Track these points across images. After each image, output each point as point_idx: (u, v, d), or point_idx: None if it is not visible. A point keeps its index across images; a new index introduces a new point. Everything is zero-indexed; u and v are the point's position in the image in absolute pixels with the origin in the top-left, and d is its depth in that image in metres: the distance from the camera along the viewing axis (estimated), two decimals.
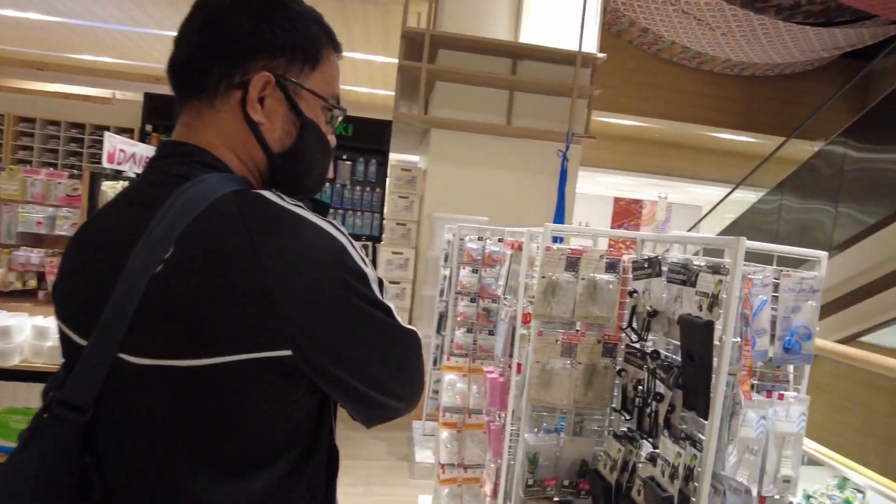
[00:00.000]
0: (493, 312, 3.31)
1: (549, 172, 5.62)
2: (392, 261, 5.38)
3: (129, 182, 3.29)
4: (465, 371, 3.24)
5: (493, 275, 3.22)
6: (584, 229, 2.33)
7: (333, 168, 6.11)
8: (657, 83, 10.60)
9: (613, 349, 1.99)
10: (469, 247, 3.42)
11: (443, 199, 5.51)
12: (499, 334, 2.81)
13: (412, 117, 5.25)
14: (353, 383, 0.88)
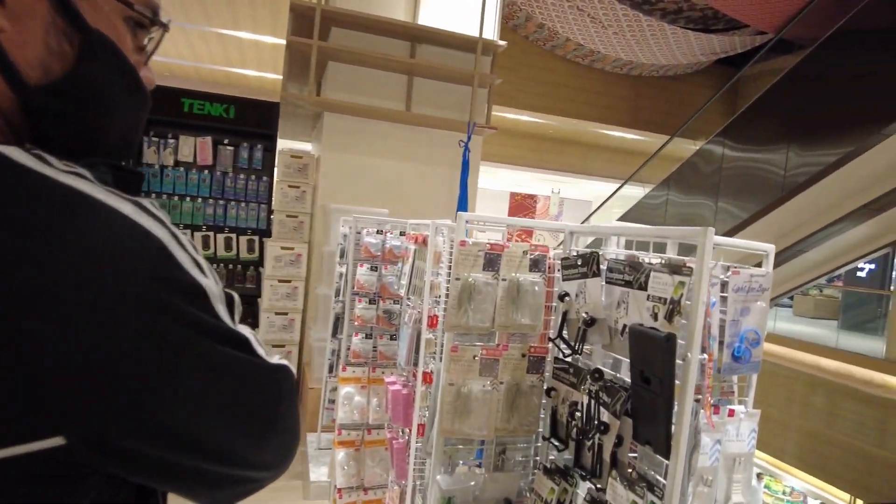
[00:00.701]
0: (395, 315, 2.90)
1: (451, 163, 5.29)
2: (282, 257, 4.81)
3: None
4: (364, 382, 2.82)
5: (395, 273, 2.82)
6: (504, 219, 1.97)
7: (213, 153, 5.42)
8: (552, 80, 10.67)
9: (540, 364, 1.66)
10: (367, 241, 2.98)
11: (338, 189, 5.01)
12: (402, 340, 2.41)
13: (302, 98, 4.71)
14: (190, 463, 0.57)
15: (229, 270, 5.52)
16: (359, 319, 2.94)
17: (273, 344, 4.83)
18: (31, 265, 0.47)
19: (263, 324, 4.80)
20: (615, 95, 11.27)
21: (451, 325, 1.61)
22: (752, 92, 10.39)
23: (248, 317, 5.45)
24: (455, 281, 1.61)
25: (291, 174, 5.13)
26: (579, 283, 1.54)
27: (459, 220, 1.71)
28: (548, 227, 2.20)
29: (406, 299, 2.36)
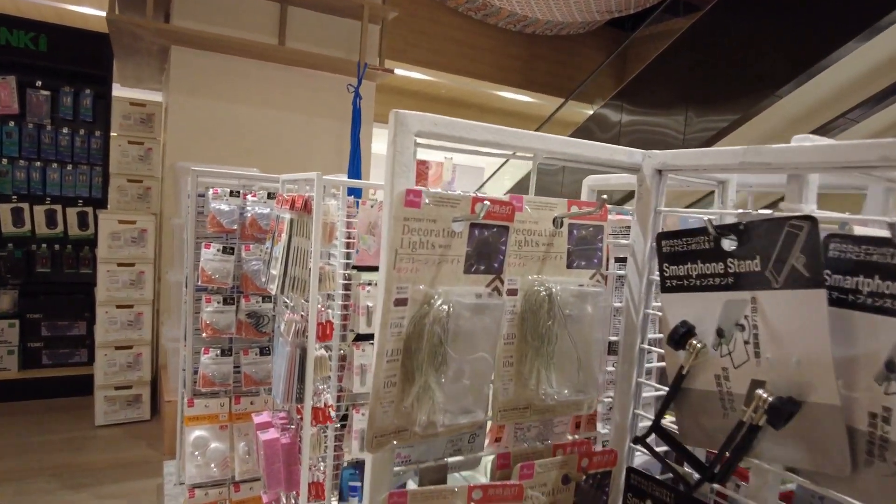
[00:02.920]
0: (266, 319, 2.01)
1: (338, 115, 4.34)
2: (120, 233, 3.66)
3: None
4: (224, 419, 1.92)
5: (261, 256, 1.92)
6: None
7: (19, 99, 4.06)
8: (443, 34, 9.85)
9: (600, 492, 0.87)
10: (215, 208, 2.01)
11: (192, 146, 3.91)
12: (276, 362, 1.54)
13: (142, 25, 3.52)
14: None
15: (55, 253, 4.24)
16: (208, 329, 1.99)
17: (116, 345, 3.71)
18: None
19: (102, 320, 3.66)
20: (508, 54, 10.68)
21: (379, 430, 0.74)
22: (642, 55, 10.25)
23: (84, 311, 4.23)
24: (391, 306, 0.74)
25: (132, 127, 3.95)
26: (733, 302, 0.74)
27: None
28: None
29: (281, 298, 1.49)
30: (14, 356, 4.08)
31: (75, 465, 3.26)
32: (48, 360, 4.20)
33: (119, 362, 3.72)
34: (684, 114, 6.93)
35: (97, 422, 3.75)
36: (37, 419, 3.83)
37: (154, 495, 3.01)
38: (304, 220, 1.41)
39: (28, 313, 4.13)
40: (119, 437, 3.64)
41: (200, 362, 1.99)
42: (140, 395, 3.82)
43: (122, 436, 3.67)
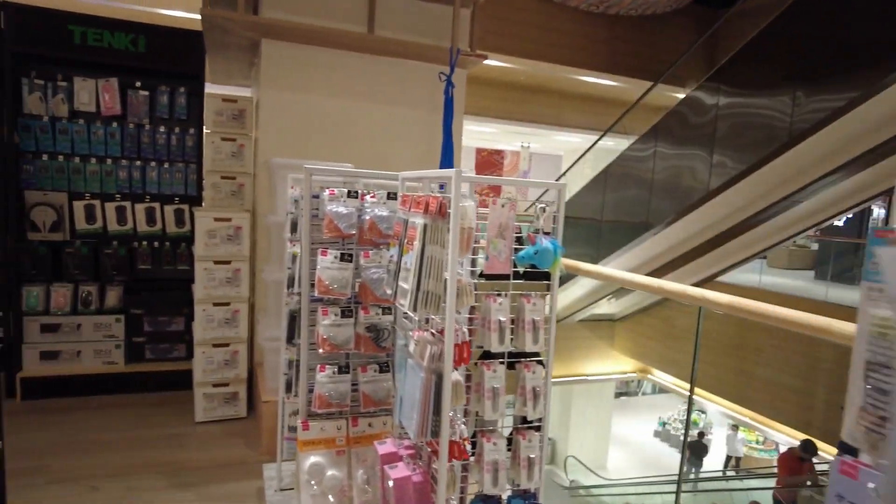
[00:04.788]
0: (386, 332, 1.81)
1: (426, 105, 4.13)
2: (216, 231, 3.61)
3: None
4: (341, 444, 1.75)
5: (379, 262, 1.71)
6: None
7: (121, 100, 4.09)
8: (523, 19, 9.47)
9: None
10: (331, 210, 1.81)
11: (284, 140, 3.80)
12: (406, 385, 1.33)
13: (232, 18, 3.43)
14: None
15: (154, 249, 4.28)
16: (326, 344, 1.81)
17: (214, 343, 3.68)
18: None
19: (200, 318, 3.63)
20: (591, 37, 10.15)
21: None
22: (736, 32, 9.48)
23: (182, 307, 4.26)
24: None
25: (224, 123, 3.89)
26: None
27: None
28: None
29: (410, 312, 1.27)
30: (120, 350, 4.15)
31: (179, 463, 3.24)
32: (150, 354, 4.26)
33: (216, 360, 3.69)
34: (791, 94, 6.27)
35: (197, 418, 3.74)
36: (141, 412, 3.87)
37: (255, 500, 2.93)
38: (438, 225, 1.19)
39: (132, 309, 4.19)
40: (218, 435, 3.61)
41: (316, 381, 1.81)
42: (237, 392, 3.78)
43: (221, 433, 3.63)
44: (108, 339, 4.13)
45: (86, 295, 4.12)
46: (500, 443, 1.53)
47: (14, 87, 3.84)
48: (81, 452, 3.29)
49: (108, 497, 2.89)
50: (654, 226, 8.21)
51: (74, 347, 4.06)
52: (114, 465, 3.18)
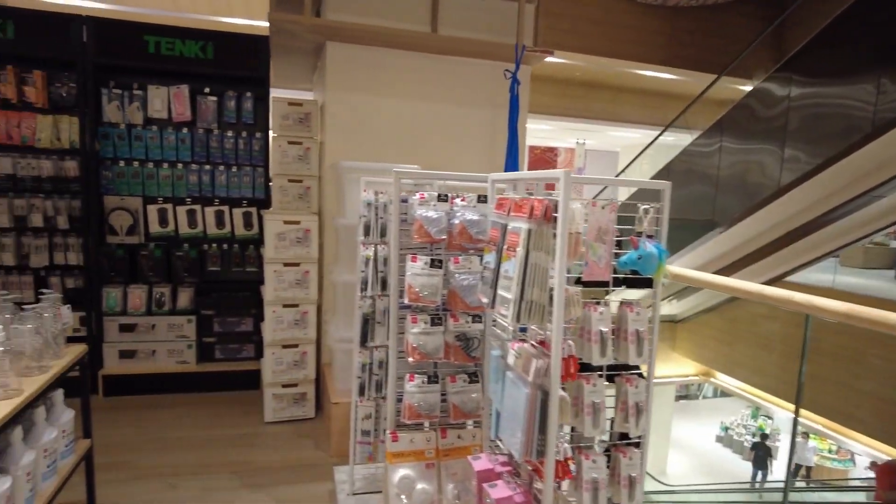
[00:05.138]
0: (476, 342, 1.74)
1: (489, 103, 4.05)
2: (286, 234, 3.64)
3: None
4: (431, 457, 1.69)
5: (469, 269, 1.63)
6: None
7: (191, 106, 4.18)
8: (580, 14, 9.24)
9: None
10: (421, 215, 1.76)
11: (349, 142, 3.80)
12: (506, 399, 1.25)
13: (299, 21, 3.44)
14: None
15: (224, 252, 4.36)
16: (415, 353, 1.75)
17: (284, 344, 3.70)
18: None
19: (270, 319, 3.67)
20: (650, 30, 9.82)
21: None
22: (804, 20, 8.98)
23: (250, 308, 4.32)
24: None
25: (291, 127, 3.91)
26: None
27: None
28: None
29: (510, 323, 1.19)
30: (192, 350, 4.25)
31: (251, 463, 3.27)
32: (220, 354, 4.34)
33: (286, 361, 3.72)
34: (875, 81, 5.85)
35: (266, 418, 3.78)
36: (212, 411, 3.94)
37: (327, 503, 2.92)
38: (542, 230, 1.11)
39: (203, 309, 4.28)
40: (287, 435, 3.63)
41: (405, 390, 1.75)
42: (305, 393, 3.80)
43: (290, 434, 3.66)
44: (180, 339, 4.24)
45: (159, 296, 4.24)
46: (600, 460, 1.44)
47: (95, 96, 3.98)
48: (160, 450, 3.37)
49: (185, 496, 2.94)
50: (719, 224, 7.86)
51: (150, 347, 4.18)
52: (190, 464, 3.24)
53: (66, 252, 4.09)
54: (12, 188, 3.95)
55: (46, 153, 3.98)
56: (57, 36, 3.83)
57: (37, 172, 3.96)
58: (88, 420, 2.61)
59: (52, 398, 2.26)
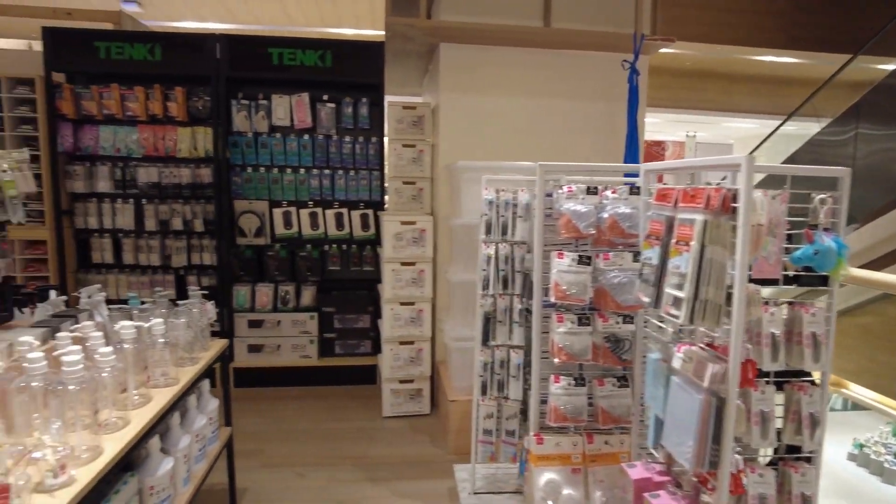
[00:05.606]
0: (626, 344, 1.65)
1: (606, 96, 3.89)
2: (403, 234, 3.70)
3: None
4: (577, 462, 1.62)
5: (621, 265, 1.53)
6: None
7: (311, 113, 4.37)
8: (690, 1, 8.72)
9: None
10: (569, 209, 1.68)
11: (465, 143, 3.79)
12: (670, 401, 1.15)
13: (415, 24, 3.48)
14: None
15: (343, 252, 4.52)
16: (561, 353, 1.68)
17: (400, 341, 3.76)
18: None
19: (388, 316, 3.74)
20: (767, 12, 9.07)
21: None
22: None
23: (367, 306, 4.44)
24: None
25: (405, 130, 3.97)
26: None
27: None
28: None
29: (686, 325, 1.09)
30: (314, 346, 4.44)
31: (371, 457, 3.35)
32: (340, 350, 4.50)
33: (402, 357, 3.78)
34: None
35: (384, 413, 3.86)
36: (333, 405, 4.09)
37: (448, 500, 2.92)
38: (719, 222, 1.01)
39: (324, 307, 4.45)
40: (404, 431, 3.69)
41: (550, 392, 1.70)
42: (421, 389, 3.84)
43: (407, 429, 3.71)
44: (303, 335, 4.43)
45: (284, 294, 4.46)
46: (768, 475, 1.30)
47: (226, 108, 4.26)
48: (288, 440, 3.54)
49: (313, 485, 3.05)
50: (855, 220, 7.11)
51: (275, 342, 4.41)
52: (316, 454, 3.37)
53: (202, 253, 4.41)
54: (157, 195, 4.32)
55: (185, 162, 4.31)
56: (195, 55, 4.13)
57: (177, 180, 4.30)
58: (229, 409, 2.78)
59: (201, 387, 2.41)
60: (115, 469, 1.55)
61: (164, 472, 1.89)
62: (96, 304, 2.20)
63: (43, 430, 1.51)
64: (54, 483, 1.36)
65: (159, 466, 1.89)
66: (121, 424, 1.70)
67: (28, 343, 1.59)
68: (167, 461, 1.93)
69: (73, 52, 4.12)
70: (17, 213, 2.07)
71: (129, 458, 1.69)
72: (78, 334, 1.81)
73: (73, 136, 4.21)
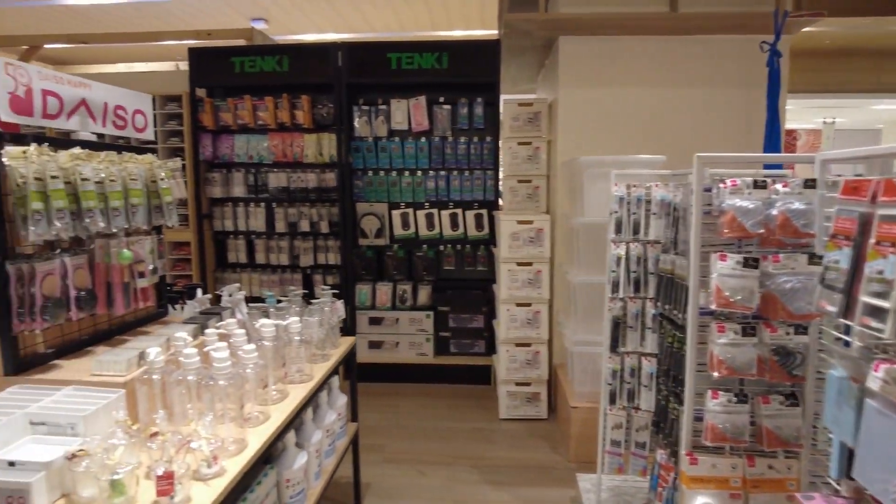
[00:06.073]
0: (798, 358, 1.45)
1: (740, 82, 3.55)
2: (519, 234, 3.61)
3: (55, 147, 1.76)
4: (737, 486, 1.46)
5: (793, 270, 1.34)
6: None
7: (428, 116, 4.40)
8: None
9: None
10: (735, 205, 1.47)
11: (585, 138, 3.63)
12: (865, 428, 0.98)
13: (534, 19, 3.38)
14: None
15: (457, 252, 4.52)
16: (722, 367, 1.51)
17: (516, 342, 3.69)
18: None
19: (503, 318, 3.68)
20: None
21: None
22: None
23: (481, 306, 4.40)
24: None
25: (520, 128, 3.87)
26: None
27: None
28: None
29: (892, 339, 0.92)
30: (430, 344, 4.48)
31: (489, 459, 3.30)
32: (454, 348, 4.50)
33: (519, 359, 3.69)
34: None
35: (501, 415, 3.80)
36: (449, 403, 4.09)
37: None
38: None
39: (439, 306, 4.48)
40: (522, 434, 3.60)
41: (706, 408, 1.53)
42: (538, 393, 3.73)
43: (524, 433, 3.62)
44: (419, 333, 4.48)
45: (402, 293, 4.54)
46: None
47: (348, 114, 4.40)
48: (407, 437, 3.58)
49: (433, 484, 3.05)
50: None
51: (394, 339, 4.50)
52: (435, 453, 3.37)
53: (327, 253, 4.59)
54: (286, 199, 4.56)
55: (311, 167, 4.51)
56: (319, 64, 4.31)
57: (304, 184, 4.51)
58: (356, 404, 2.84)
59: (331, 383, 2.48)
60: (258, 461, 1.61)
61: (299, 465, 1.95)
62: (237, 302, 2.32)
63: (196, 420, 1.60)
64: (208, 472, 1.42)
65: (295, 460, 1.95)
66: (262, 419, 1.77)
67: (183, 339, 1.70)
68: (302, 455, 1.99)
69: (213, 69, 4.45)
70: (171, 217, 2.24)
71: (269, 451, 1.75)
72: (223, 331, 1.91)
73: (212, 146, 4.55)
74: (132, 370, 1.71)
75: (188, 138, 4.61)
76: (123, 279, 2.04)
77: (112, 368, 1.68)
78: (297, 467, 1.94)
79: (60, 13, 7.77)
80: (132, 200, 2.03)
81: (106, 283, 2.01)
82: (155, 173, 2.19)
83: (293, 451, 1.97)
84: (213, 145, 4.56)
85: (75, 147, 1.88)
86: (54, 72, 1.91)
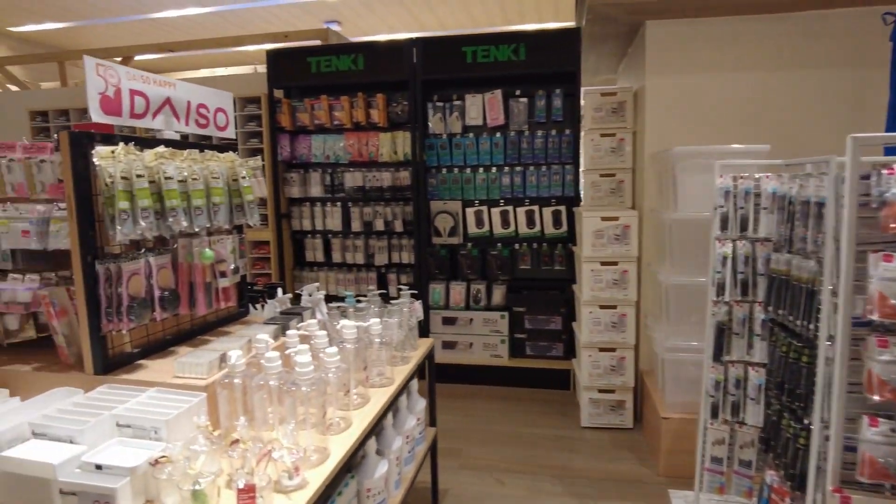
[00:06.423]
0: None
1: (852, 61, 3.18)
2: (604, 231, 3.39)
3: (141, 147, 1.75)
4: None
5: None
6: None
7: (504, 110, 4.24)
8: None
9: None
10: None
11: (674, 127, 3.36)
12: None
13: (618, 3, 3.14)
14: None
15: (533, 251, 4.33)
16: (885, 390, 1.25)
17: (600, 347, 3.47)
18: None
19: (585, 320, 3.47)
20: None
21: None
22: None
23: (559, 307, 4.20)
24: None
25: (603, 119, 3.65)
26: None
27: None
28: None
29: None
30: (505, 345, 4.32)
31: (573, 470, 3.10)
32: (530, 351, 4.32)
33: (602, 364, 3.47)
34: None
35: (582, 423, 3.59)
36: (527, 408, 3.91)
37: None
38: None
39: (514, 307, 4.31)
40: (606, 444, 3.38)
41: (862, 438, 1.31)
42: (623, 401, 3.50)
43: (608, 443, 3.40)
44: (494, 334, 4.34)
45: (476, 292, 4.41)
46: None
47: (422, 111, 4.32)
48: (486, 442, 3.44)
49: (514, 493, 2.89)
50: None
51: (468, 339, 4.37)
52: (515, 460, 3.22)
53: (401, 252, 4.53)
54: (362, 198, 4.54)
55: (386, 166, 4.46)
56: (394, 61, 4.24)
57: (379, 183, 4.47)
58: (434, 408, 2.73)
59: (410, 387, 2.38)
60: (340, 471, 1.52)
61: (380, 474, 1.86)
62: (317, 302, 2.27)
63: (276, 426, 1.53)
64: (290, 484, 1.34)
65: (376, 469, 1.86)
66: (343, 426, 1.68)
67: (264, 341, 1.63)
68: (382, 463, 1.90)
69: (290, 70, 4.48)
70: (252, 216, 2.21)
71: (350, 459, 1.66)
72: (304, 332, 1.85)
73: (290, 146, 4.59)
74: (213, 373, 1.66)
75: (267, 139, 4.68)
76: (205, 279, 2.02)
77: (193, 371, 1.65)
78: (377, 476, 1.84)
79: (150, 26, 8.17)
80: (214, 199, 2.00)
81: (188, 282, 2.00)
82: (236, 171, 2.16)
83: (374, 459, 1.88)
84: (291, 146, 4.60)
85: (159, 146, 1.87)
86: (141, 72, 1.91)
